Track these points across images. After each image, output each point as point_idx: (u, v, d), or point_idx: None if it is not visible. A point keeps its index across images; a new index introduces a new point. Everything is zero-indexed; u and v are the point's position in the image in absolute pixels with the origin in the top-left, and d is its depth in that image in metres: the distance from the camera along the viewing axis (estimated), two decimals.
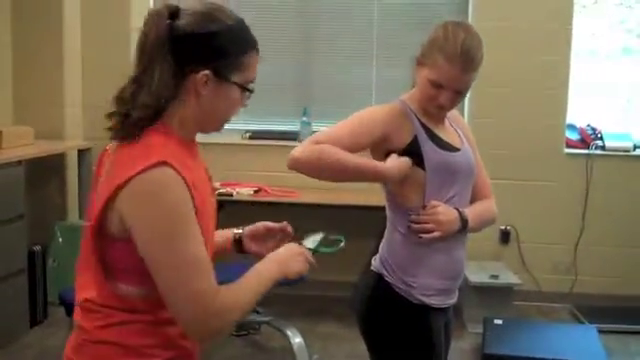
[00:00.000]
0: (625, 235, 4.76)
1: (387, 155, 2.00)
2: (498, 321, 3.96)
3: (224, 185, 4.46)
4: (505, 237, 4.79)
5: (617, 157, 4.74)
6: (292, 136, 4.69)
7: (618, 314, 4.49)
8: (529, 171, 4.74)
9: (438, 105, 2.00)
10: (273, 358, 3.92)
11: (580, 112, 4.88)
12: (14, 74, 4.60)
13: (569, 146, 4.79)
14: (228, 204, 4.21)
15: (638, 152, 4.77)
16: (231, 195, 4.37)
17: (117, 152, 1.43)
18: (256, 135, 4.88)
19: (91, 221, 1.44)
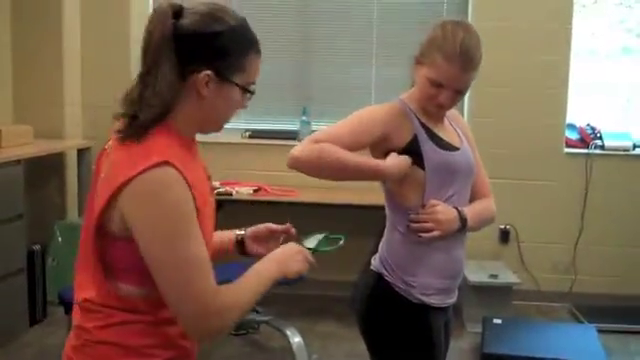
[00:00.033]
0: (624, 234, 4.76)
1: (387, 154, 2.00)
2: (497, 320, 3.95)
3: (224, 184, 4.46)
4: (504, 236, 4.79)
5: (616, 156, 4.74)
6: (292, 135, 4.69)
7: (617, 314, 4.49)
8: (528, 170, 4.74)
9: (437, 104, 2.00)
10: (272, 357, 3.92)
11: (580, 112, 4.89)
12: (14, 74, 4.59)
13: (569, 145, 4.79)
14: (228, 203, 4.21)
15: (637, 151, 4.77)
16: (231, 194, 4.37)
17: (117, 152, 1.42)
18: (256, 134, 4.88)
19: (90, 220, 1.44)
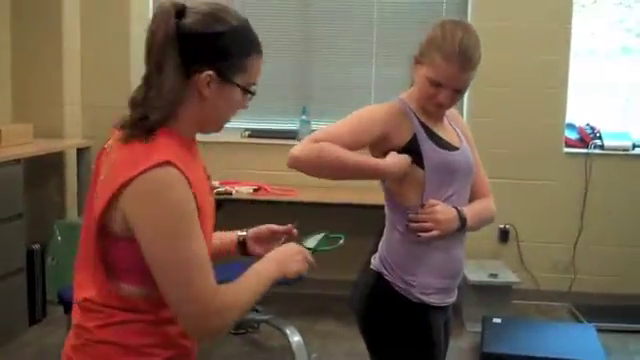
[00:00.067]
0: (624, 234, 4.76)
1: (386, 154, 2.00)
2: (497, 320, 3.95)
3: (223, 184, 4.46)
4: (504, 236, 4.80)
5: (616, 156, 4.74)
6: (291, 135, 4.69)
7: (617, 313, 4.49)
8: (528, 170, 4.75)
9: (437, 103, 2.00)
10: (272, 357, 3.92)
11: (579, 111, 4.89)
12: (13, 73, 4.59)
13: (568, 145, 4.79)
14: (227, 203, 4.21)
15: (637, 151, 4.77)
16: (230, 194, 4.37)
17: (118, 151, 1.42)
18: (255, 134, 4.88)
19: (90, 220, 1.44)
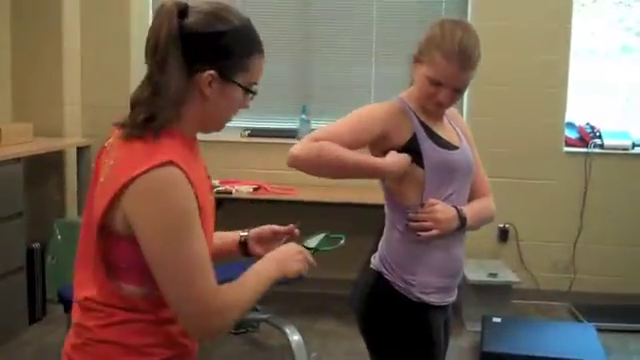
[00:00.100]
0: (624, 233, 4.76)
1: (386, 153, 2.00)
2: (497, 319, 3.95)
3: (223, 183, 4.46)
4: (504, 235, 4.79)
5: (616, 155, 4.74)
6: (291, 134, 4.69)
7: (617, 313, 4.49)
8: (528, 169, 4.75)
9: (437, 102, 2.00)
10: (272, 356, 3.92)
11: (579, 111, 4.88)
12: (13, 73, 4.59)
13: (568, 145, 4.79)
14: (227, 202, 4.21)
15: (637, 150, 4.77)
16: (230, 193, 4.37)
17: (119, 150, 1.41)
18: (255, 133, 4.88)
19: (89, 218, 1.44)
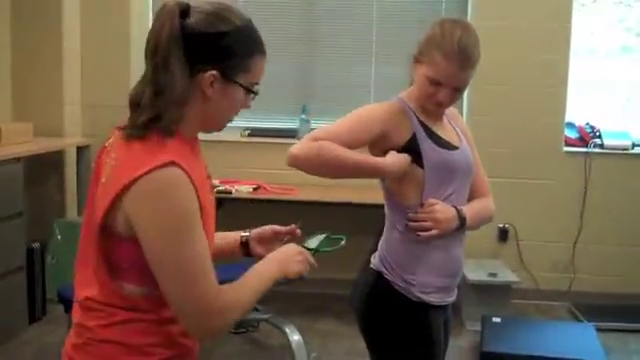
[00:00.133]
0: (623, 233, 4.76)
1: (385, 153, 2.00)
2: (496, 319, 3.95)
3: (223, 182, 4.45)
4: (503, 235, 4.80)
5: (615, 155, 4.74)
6: (291, 133, 4.69)
7: (616, 312, 4.49)
8: (528, 169, 4.75)
9: (436, 102, 2.00)
10: (272, 355, 3.92)
11: (579, 110, 4.88)
12: (13, 73, 4.59)
13: (568, 144, 4.79)
14: (227, 201, 4.21)
15: (636, 150, 4.77)
16: (230, 192, 4.37)
17: (119, 150, 1.41)
18: (255, 132, 4.88)
19: (90, 218, 1.43)
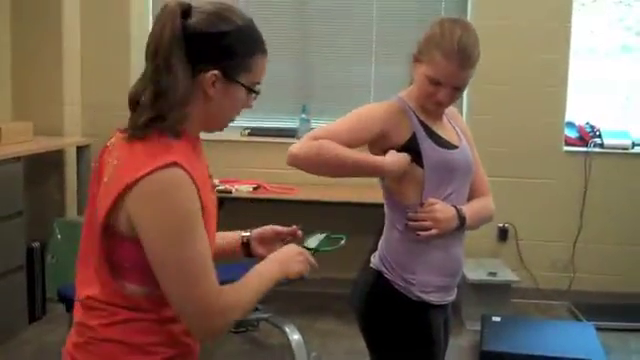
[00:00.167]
0: (623, 233, 4.76)
1: (385, 152, 2.00)
2: (496, 318, 3.96)
3: (223, 182, 4.45)
4: (503, 234, 4.80)
5: (615, 155, 4.74)
6: (291, 133, 4.69)
7: (616, 312, 4.49)
8: (528, 169, 4.75)
9: (436, 102, 2.00)
10: (272, 355, 3.92)
11: (579, 110, 4.88)
12: (13, 73, 4.59)
13: (568, 144, 4.79)
14: (227, 201, 4.21)
15: (636, 150, 4.77)
16: (230, 192, 4.37)
17: (121, 150, 1.41)
18: (255, 132, 4.88)
19: (91, 217, 1.44)
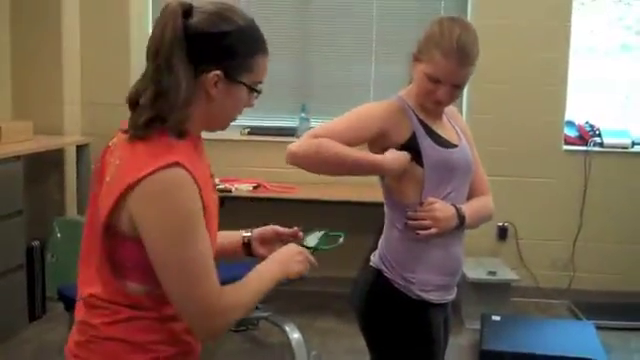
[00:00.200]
0: (623, 232, 4.76)
1: (385, 151, 2.00)
2: (496, 317, 3.96)
3: (223, 181, 4.46)
4: (503, 233, 4.80)
5: (615, 154, 4.75)
6: (291, 132, 4.69)
7: (616, 310, 4.49)
8: (527, 168, 4.75)
9: (436, 100, 2.00)
10: (272, 354, 3.92)
11: (579, 109, 4.89)
12: (13, 72, 4.59)
13: (567, 143, 4.79)
14: (227, 200, 4.21)
15: (636, 149, 4.77)
16: (230, 191, 4.37)
17: (123, 150, 1.41)
18: (255, 131, 4.88)
19: (93, 217, 1.44)
